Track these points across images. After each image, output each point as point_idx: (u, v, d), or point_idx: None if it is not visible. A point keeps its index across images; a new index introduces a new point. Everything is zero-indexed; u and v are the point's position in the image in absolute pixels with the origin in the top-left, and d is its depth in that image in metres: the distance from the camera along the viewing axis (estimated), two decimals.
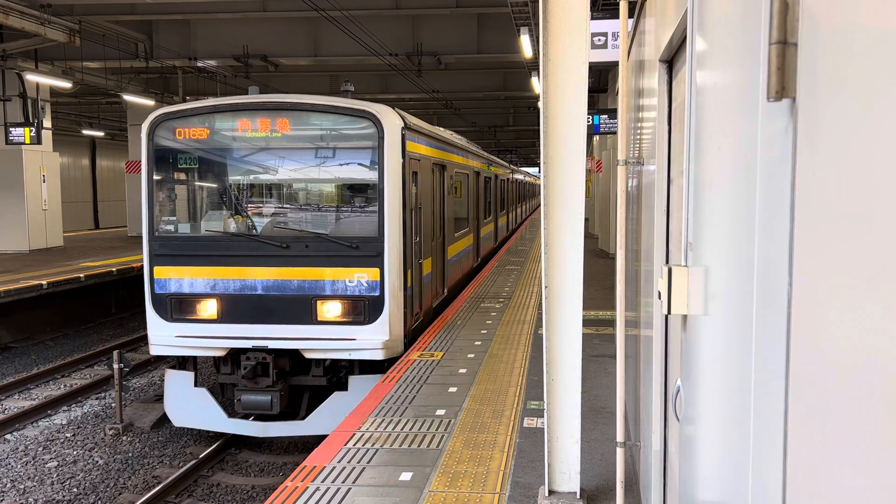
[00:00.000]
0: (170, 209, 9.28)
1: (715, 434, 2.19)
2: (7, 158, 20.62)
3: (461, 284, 14.83)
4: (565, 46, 4.46)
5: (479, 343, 9.36)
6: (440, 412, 6.60)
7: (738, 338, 1.84)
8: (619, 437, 4.49)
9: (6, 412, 10.97)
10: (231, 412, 8.98)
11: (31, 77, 19.11)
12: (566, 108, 4.52)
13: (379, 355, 8.59)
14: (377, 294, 8.54)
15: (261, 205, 9.29)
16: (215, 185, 9.39)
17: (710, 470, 2.28)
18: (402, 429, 6.18)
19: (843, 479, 1.10)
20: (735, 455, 1.86)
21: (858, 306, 1.05)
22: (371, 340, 8.53)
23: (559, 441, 4.71)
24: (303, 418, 8.88)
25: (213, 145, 8.99)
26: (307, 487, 5.04)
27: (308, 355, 8.64)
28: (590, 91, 4.93)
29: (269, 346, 8.58)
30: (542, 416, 4.82)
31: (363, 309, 8.57)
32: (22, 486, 8.32)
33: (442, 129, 14.22)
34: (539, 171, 5.84)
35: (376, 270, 8.53)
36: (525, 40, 14.76)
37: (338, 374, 8.95)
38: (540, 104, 4.57)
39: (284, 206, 9.28)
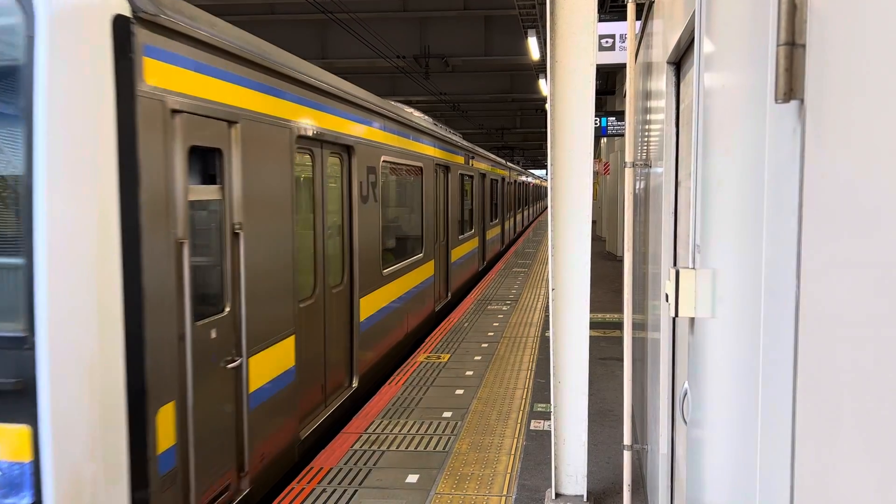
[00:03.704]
0: None
1: (722, 437, 2.18)
2: None
3: (414, 337, 9.84)
4: (573, 48, 4.46)
5: (485, 345, 9.35)
6: (447, 414, 6.60)
7: (745, 340, 1.83)
8: (626, 441, 4.48)
9: None
10: None
11: None
12: (573, 111, 4.52)
13: None
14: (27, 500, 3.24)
15: None
16: None
17: (718, 473, 2.27)
18: (408, 431, 6.18)
19: (852, 483, 1.09)
20: (743, 458, 1.85)
21: (866, 308, 1.05)
22: None
23: (566, 444, 4.70)
24: None
25: None
26: (313, 489, 5.05)
27: None
28: (597, 93, 4.92)
29: None
30: (549, 419, 4.82)
31: None
32: None
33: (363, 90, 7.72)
34: (546, 173, 5.83)
35: (22, 430, 3.22)
36: (532, 42, 14.77)
37: None
38: (547, 106, 4.57)
39: None
